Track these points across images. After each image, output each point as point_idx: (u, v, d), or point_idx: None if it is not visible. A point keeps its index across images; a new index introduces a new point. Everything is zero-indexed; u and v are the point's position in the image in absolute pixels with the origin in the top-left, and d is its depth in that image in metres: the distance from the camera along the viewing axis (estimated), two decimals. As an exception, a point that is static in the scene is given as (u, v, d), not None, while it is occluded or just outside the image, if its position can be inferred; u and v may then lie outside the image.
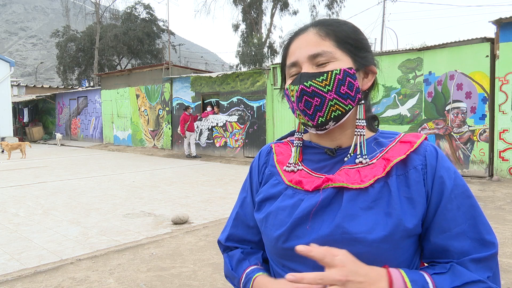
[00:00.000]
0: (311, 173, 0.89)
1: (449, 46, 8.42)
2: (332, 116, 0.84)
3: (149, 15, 33.63)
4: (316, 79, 0.83)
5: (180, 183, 8.12)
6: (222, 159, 12.29)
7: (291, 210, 0.85)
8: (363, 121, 0.87)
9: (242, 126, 12.39)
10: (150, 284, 3.32)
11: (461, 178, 0.83)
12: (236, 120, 12.57)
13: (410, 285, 0.74)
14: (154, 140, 15.72)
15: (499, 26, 7.81)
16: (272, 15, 31.30)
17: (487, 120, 7.98)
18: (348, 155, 0.88)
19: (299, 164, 0.92)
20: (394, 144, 0.86)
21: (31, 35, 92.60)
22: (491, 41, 8.00)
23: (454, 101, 8.33)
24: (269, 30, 30.88)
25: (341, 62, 0.84)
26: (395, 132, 0.91)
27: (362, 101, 0.88)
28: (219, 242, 1.04)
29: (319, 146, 0.92)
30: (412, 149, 0.83)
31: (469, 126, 8.19)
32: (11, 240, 4.46)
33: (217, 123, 13.16)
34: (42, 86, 26.72)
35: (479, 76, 8.04)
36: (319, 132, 0.88)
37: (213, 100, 13.62)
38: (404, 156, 0.82)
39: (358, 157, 0.85)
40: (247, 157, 12.18)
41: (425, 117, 8.74)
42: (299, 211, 0.83)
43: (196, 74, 14.11)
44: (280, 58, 0.95)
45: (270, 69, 11.57)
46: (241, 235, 1.00)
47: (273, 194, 0.91)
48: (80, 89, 21.70)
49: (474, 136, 8.14)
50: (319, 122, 0.84)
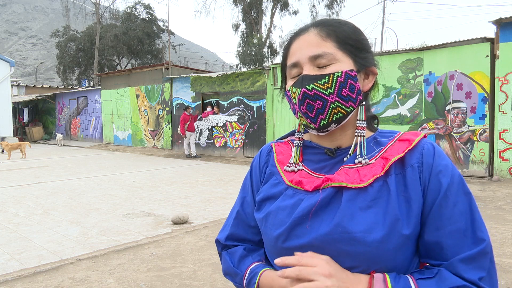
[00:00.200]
0: (311, 173, 0.89)
1: (449, 46, 8.42)
2: (334, 119, 0.84)
3: (149, 15, 33.66)
4: (318, 82, 0.82)
5: (180, 183, 8.12)
6: (222, 159, 12.29)
7: (291, 210, 0.85)
8: (364, 122, 0.88)
9: (242, 126, 12.39)
10: (150, 284, 3.32)
11: (459, 175, 0.82)
12: (236, 120, 12.57)
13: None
14: (154, 140, 15.72)
15: (499, 26, 7.81)
16: (272, 15, 31.31)
17: (487, 120, 7.98)
18: (348, 155, 0.88)
19: (300, 164, 0.92)
20: (393, 143, 0.86)
21: (31, 35, 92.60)
22: (491, 41, 8.00)
23: (454, 101, 8.33)
24: (269, 30, 30.90)
25: (342, 64, 0.84)
26: (394, 131, 0.91)
27: (363, 102, 0.88)
28: (218, 241, 1.03)
29: (319, 146, 0.92)
30: (410, 147, 0.83)
31: (469, 126, 8.19)
32: (11, 240, 4.46)
33: (217, 123, 13.16)
34: (42, 86, 26.73)
35: (479, 76, 8.04)
36: (321, 134, 0.89)
37: (213, 100, 13.61)
38: (402, 154, 0.82)
39: (358, 157, 0.85)
40: (247, 157, 12.18)
41: (425, 117, 8.74)
42: (299, 211, 0.83)
43: (196, 74, 14.11)
44: (281, 58, 0.95)
45: (270, 69, 11.57)
46: (242, 235, 0.99)
47: (274, 194, 0.91)
48: (80, 89, 21.71)
49: (474, 136, 8.14)
50: (321, 125, 0.85)
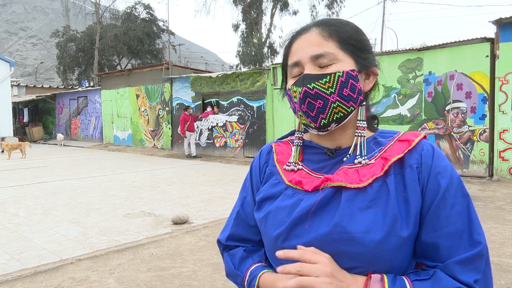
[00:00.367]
0: (311, 173, 0.89)
1: (449, 46, 8.42)
2: (335, 118, 0.84)
3: (149, 15, 33.66)
4: (319, 81, 0.82)
5: (180, 183, 8.12)
6: (222, 159, 12.29)
7: (291, 210, 0.85)
8: (364, 123, 0.87)
9: (242, 126, 12.39)
10: (150, 284, 3.32)
11: (458, 177, 0.82)
12: (236, 120, 12.57)
13: None
14: (154, 140, 15.71)
15: (499, 26, 7.81)
16: (272, 15, 31.30)
17: (487, 120, 7.98)
18: (348, 155, 0.88)
19: (299, 164, 0.92)
20: (393, 143, 0.86)
21: (31, 35, 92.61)
22: (491, 41, 8.00)
23: (454, 101, 8.33)
24: (269, 30, 30.90)
25: (344, 64, 0.84)
26: (394, 131, 0.91)
27: (364, 103, 0.88)
28: (219, 242, 1.03)
29: (319, 146, 0.92)
30: (410, 148, 0.83)
31: (469, 126, 8.19)
32: (11, 240, 4.46)
33: (217, 123, 13.16)
34: (42, 86, 26.73)
35: (479, 76, 8.04)
36: (321, 133, 0.89)
37: (213, 100, 13.61)
38: (402, 155, 0.82)
39: (358, 157, 0.85)
40: (247, 157, 12.18)
41: (425, 117, 8.74)
42: (298, 211, 0.83)
43: (196, 74, 14.11)
44: (282, 57, 0.95)
45: (270, 69, 11.57)
46: (242, 235, 1.00)
47: (273, 194, 0.91)
48: (80, 89, 21.71)
49: (474, 136, 8.13)
50: (322, 124, 0.85)
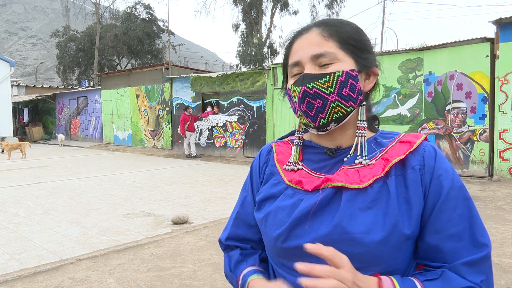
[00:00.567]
0: (311, 173, 0.89)
1: (449, 46, 8.42)
2: (334, 118, 0.84)
3: (149, 15, 33.65)
4: (319, 81, 0.82)
5: (180, 183, 8.12)
6: (222, 159, 12.29)
7: (291, 210, 0.85)
8: (364, 123, 0.87)
9: (242, 126, 12.39)
10: (150, 284, 3.32)
11: (459, 179, 0.82)
12: (236, 120, 12.57)
13: None
14: (154, 140, 15.71)
15: (499, 26, 7.81)
16: (272, 15, 31.31)
17: (487, 120, 7.98)
18: (348, 155, 0.88)
19: (299, 163, 0.92)
20: (394, 144, 0.86)
21: (31, 35, 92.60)
22: (491, 41, 8.00)
23: (454, 101, 8.33)
24: (269, 30, 30.90)
25: (344, 64, 0.84)
26: (395, 132, 0.91)
27: (364, 103, 0.88)
28: (220, 241, 1.04)
29: (319, 146, 0.92)
30: (411, 149, 0.83)
31: (469, 126, 8.19)
32: (11, 240, 4.46)
33: (217, 123, 13.16)
34: (42, 86, 26.72)
35: (479, 76, 8.04)
36: (320, 133, 0.89)
37: (213, 100, 13.61)
38: (403, 156, 0.82)
39: (358, 158, 0.85)
40: (247, 157, 12.18)
41: (425, 117, 8.74)
42: (298, 211, 0.83)
43: (196, 74, 14.10)
44: (282, 57, 0.95)
45: (270, 69, 11.57)
46: (242, 234, 1.00)
47: (273, 194, 0.91)
48: (80, 89, 21.70)
49: (474, 136, 8.13)
50: (321, 124, 0.84)
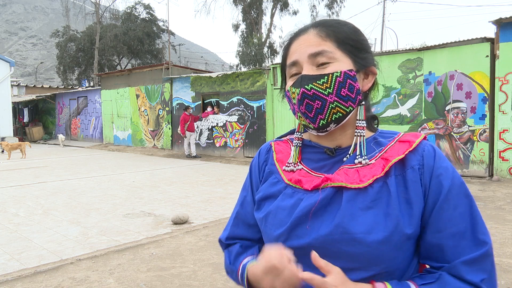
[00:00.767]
0: (311, 172, 0.89)
1: (449, 46, 8.42)
2: (333, 119, 0.84)
3: (149, 15, 33.65)
4: (317, 82, 0.82)
5: (180, 183, 8.12)
6: (222, 159, 12.29)
7: (291, 210, 0.85)
8: (363, 122, 0.87)
9: (242, 126, 12.39)
10: (150, 284, 3.32)
11: (459, 178, 0.82)
12: (236, 120, 12.57)
13: None
14: (154, 140, 15.71)
15: (499, 26, 7.81)
16: (272, 15, 31.29)
17: (487, 120, 7.98)
18: (348, 155, 0.88)
19: (298, 164, 0.92)
20: (393, 144, 0.86)
21: (31, 35, 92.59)
22: (491, 41, 7.99)
23: (454, 101, 8.33)
24: (269, 30, 30.89)
25: (342, 64, 0.84)
26: (395, 132, 0.91)
27: (363, 102, 0.88)
28: (220, 241, 1.04)
29: (319, 146, 0.92)
30: (411, 149, 0.83)
31: (469, 126, 8.19)
32: (11, 240, 4.46)
33: (217, 123, 13.16)
34: (42, 86, 26.72)
35: (479, 76, 8.04)
36: (320, 134, 0.89)
37: (213, 100, 13.61)
38: (403, 156, 0.82)
39: (358, 157, 0.85)
40: (247, 157, 12.18)
41: (425, 117, 8.74)
42: (299, 211, 0.83)
43: (196, 74, 14.10)
44: (281, 58, 0.95)
45: (270, 69, 11.57)
46: (242, 234, 1.00)
47: (273, 193, 0.91)
48: (80, 89, 21.70)
49: (474, 136, 8.13)
50: (320, 125, 0.85)
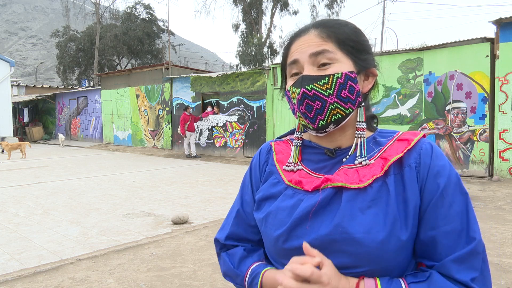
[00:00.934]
0: (311, 173, 0.89)
1: (449, 46, 8.42)
2: (333, 120, 0.84)
3: (149, 15, 33.66)
4: (318, 83, 0.82)
5: (180, 183, 8.12)
6: (222, 159, 12.29)
7: (291, 210, 0.85)
8: (363, 124, 0.87)
9: (242, 126, 12.39)
10: (150, 284, 3.32)
11: (456, 175, 0.82)
12: (236, 120, 12.57)
13: None
14: (154, 140, 15.71)
15: (499, 26, 7.81)
16: (272, 15, 31.29)
17: (487, 120, 7.98)
18: (347, 156, 0.88)
19: (299, 164, 0.92)
20: (392, 143, 0.86)
21: (31, 35, 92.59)
22: (491, 41, 7.99)
23: (454, 101, 8.33)
24: (269, 30, 30.89)
25: (343, 65, 0.84)
26: (393, 131, 0.91)
27: (363, 104, 0.88)
28: (217, 241, 1.02)
29: (319, 146, 0.92)
30: (409, 147, 0.83)
31: (469, 126, 8.19)
32: (11, 240, 4.46)
33: (217, 123, 13.16)
34: (42, 86, 26.72)
35: (479, 76, 8.04)
36: (319, 135, 0.89)
37: (213, 100, 13.61)
38: (401, 155, 0.82)
39: (358, 158, 0.85)
40: (247, 157, 12.18)
41: (425, 117, 8.74)
42: (299, 211, 0.83)
43: (196, 74, 14.10)
44: (281, 58, 0.95)
45: (270, 69, 11.57)
46: (242, 234, 0.99)
47: (273, 194, 0.91)
48: (80, 89, 21.70)
49: (474, 136, 8.13)
50: (320, 126, 0.85)
